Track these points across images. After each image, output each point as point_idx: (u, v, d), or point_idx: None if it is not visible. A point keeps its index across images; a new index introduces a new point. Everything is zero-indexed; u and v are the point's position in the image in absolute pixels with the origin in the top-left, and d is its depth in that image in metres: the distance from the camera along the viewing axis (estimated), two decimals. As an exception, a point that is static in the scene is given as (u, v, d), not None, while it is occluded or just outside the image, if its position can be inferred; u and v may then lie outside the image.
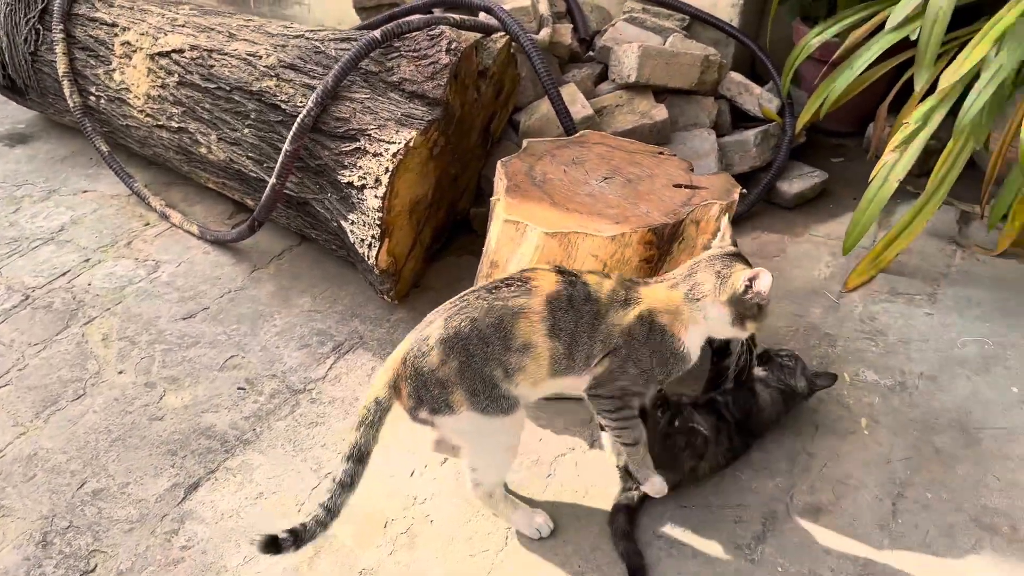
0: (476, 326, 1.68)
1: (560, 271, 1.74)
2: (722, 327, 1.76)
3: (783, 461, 2.12)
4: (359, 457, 1.70)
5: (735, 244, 1.83)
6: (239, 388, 2.29)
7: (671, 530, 1.93)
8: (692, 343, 1.77)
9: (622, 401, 1.78)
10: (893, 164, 2.56)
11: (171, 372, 2.33)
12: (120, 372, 2.33)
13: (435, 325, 1.72)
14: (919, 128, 2.48)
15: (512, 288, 1.71)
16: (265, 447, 2.12)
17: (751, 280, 1.68)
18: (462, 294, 1.77)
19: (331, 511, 1.67)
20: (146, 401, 2.24)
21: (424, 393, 1.71)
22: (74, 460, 2.07)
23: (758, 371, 2.16)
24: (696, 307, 1.73)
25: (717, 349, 2.14)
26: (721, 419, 2.06)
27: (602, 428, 1.97)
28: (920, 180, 3.14)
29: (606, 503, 1.99)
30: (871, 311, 2.62)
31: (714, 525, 1.95)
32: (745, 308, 1.72)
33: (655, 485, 1.88)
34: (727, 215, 1.94)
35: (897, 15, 2.59)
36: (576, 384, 1.79)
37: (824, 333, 2.53)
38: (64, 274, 2.70)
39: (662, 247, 2.07)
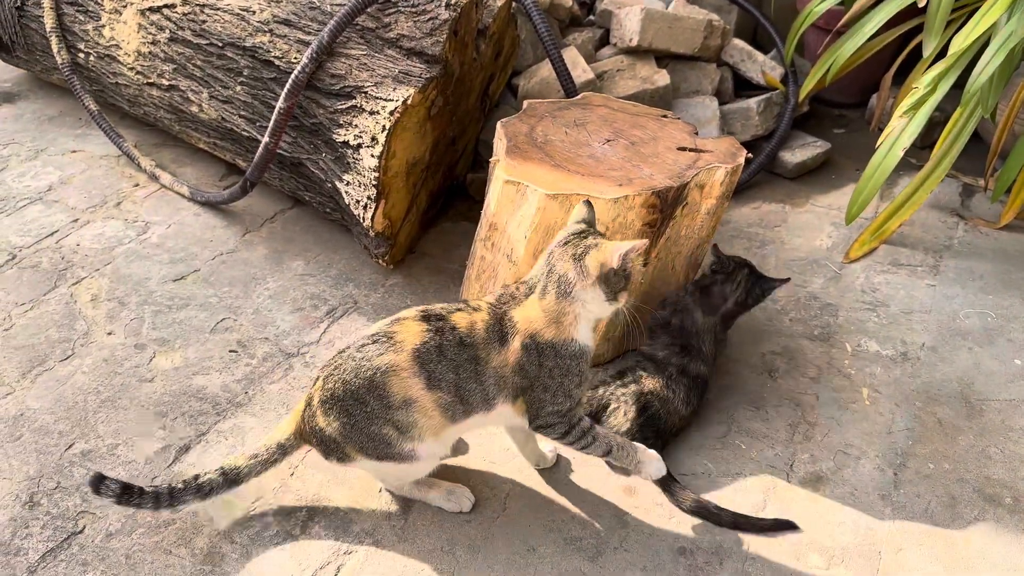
0: (348, 388, 1.64)
1: (425, 317, 1.66)
2: (600, 307, 1.65)
3: (783, 430, 2.09)
4: (233, 479, 1.73)
5: (587, 221, 1.71)
6: (231, 351, 2.24)
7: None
8: (584, 336, 1.67)
9: (566, 423, 1.71)
10: (900, 132, 2.51)
11: (161, 334, 2.28)
12: (109, 333, 2.28)
13: (317, 384, 1.71)
14: (928, 93, 2.43)
15: (377, 345, 1.64)
16: (258, 410, 2.08)
17: (625, 256, 1.59)
18: (338, 351, 1.71)
19: (160, 500, 1.70)
20: (136, 362, 2.19)
21: (324, 447, 1.72)
22: (62, 421, 2.03)
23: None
24: (571, 302, 1.63)
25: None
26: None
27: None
28: (923, 152, 3.12)
29: (604, 469, 1.96)
30: (873, 282, 2.59)
31: (714, 493, 1.92)
32: (616, 283, 1.63)
33: (655, 469, 1.81)
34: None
35: (907, -21, 2.53)
36: (497, 419, 1.73)
37: (825, 303, 2.50)
38: (52, 234, 2.64)
39: (665, 211, 2.02)
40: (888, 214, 2.68)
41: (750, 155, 2.17)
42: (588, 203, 1.74)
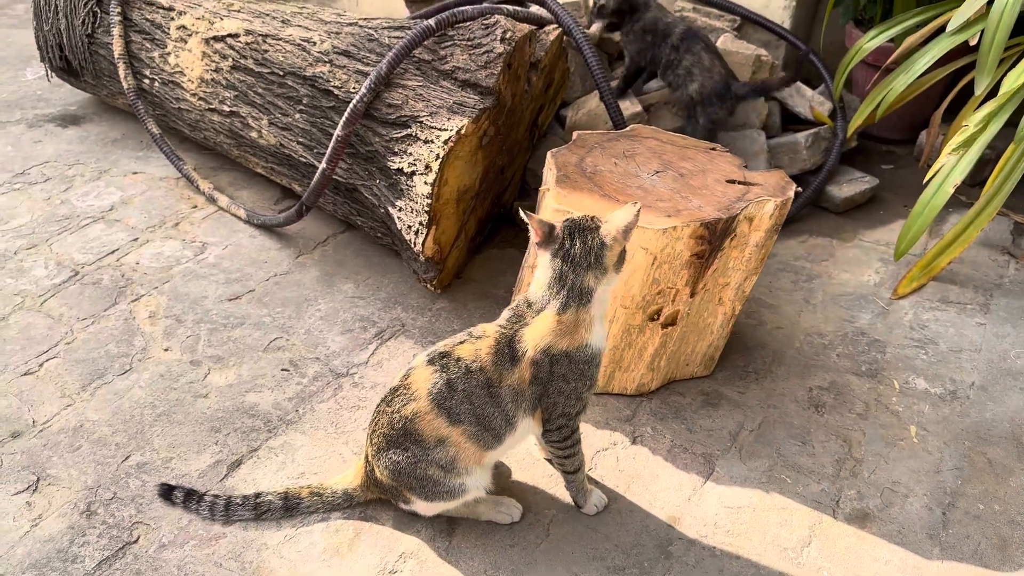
0: (389, 439, 1.75)
1: (431, 360, 1.72)
2: (615, 281, 1.72)
3: (829, 466, 2.08)
4: (290, 506, 1.89)
5: (552, 228, 1.68)
6: (283, 369, 2.30)
7: (715, 530, 1.90)
8: (597, 338, 1.72)
9: (570, 428, 1.78)
10: (950, 169, 2.51)
11: (216, 351, 2.35)
12: (166, 349, 2.35)
13: (367, 440, 1.84)
14: (978, 131, 2.42)
15: (400, 396, 1.74)
16: (307, 428, 2.12)
17: (626, 231, 1.66)
18: (375, 408, 1.81)
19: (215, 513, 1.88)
20: (191, 378, 2.26)
21: (388, 494, 1.85)
22: (119, 433, 2.09)
23: None
24: (590, 306, 1.68)
25: None
26: None
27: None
28: (972, 190, 3.10)
29: (648, 498, 1.96)
30: (921, 319, 2.57)
31: (759, 527, 1.91)
32: (624, 254, 1.70)
33: (595, 506, 1.93)
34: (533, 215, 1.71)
35: (959, 18, 2.54)
36: (524, 435, 1.80)
37: (873, 339, 2.48)
38: (113, 252, 2.73)
39: (714, 242, 2.04)
40: (937, 251, 2.67)
41: (799, 189, 2.18)
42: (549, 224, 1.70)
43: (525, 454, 2.06)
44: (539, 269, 1.72)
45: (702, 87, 2.81)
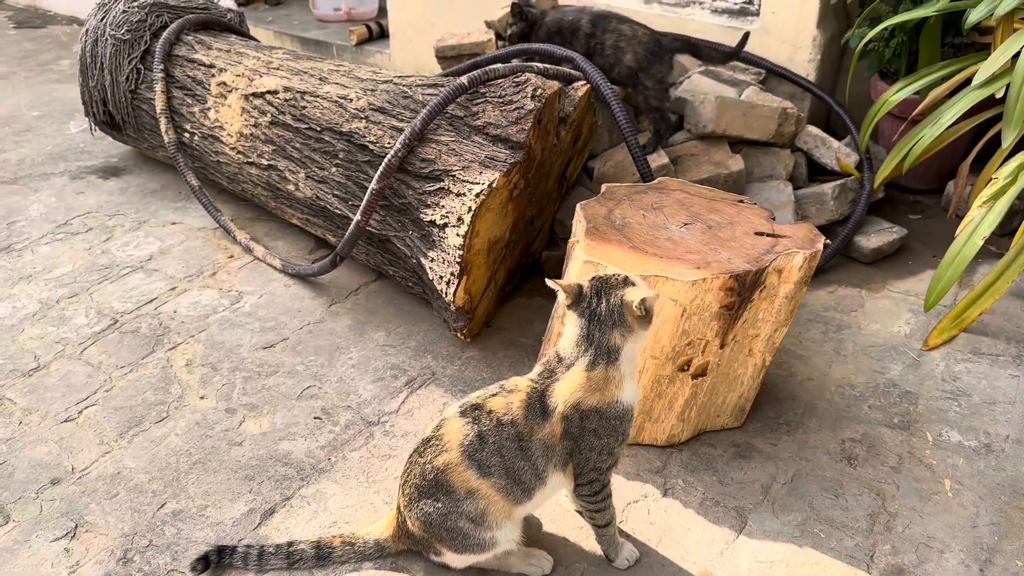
0: (420, 490, 1.77)
1: (463, 412, 1.75)
2: (643, 339, 1.74)
3: (863, 520, 2.06)
4: (322, 555, 1.89)
5: (579, 289, 1.72)
6: (315, 418, 2.33)
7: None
8: (628, 394, 1.74)
9: (601, 482, 1.79)
10: (979, 221, 2.51)
11: (251, 399, 2.39)
12: (202, 397, 2.40)
13: (399, 491, 1.86)
14: (1008, 184, 2.43)
15: (432, 447, 1.76)
16: (339, 477, 2.15)
17: (645, 302, 1.67)
18: (407, 459, 1.83)
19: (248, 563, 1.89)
20: (226, 426, 2.29)
21: (419, 545, 1.86)
22: (155, 480, 2.13)
23: None
24: (619, 364, 1.71)
25: None
26: None
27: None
28: (1003, 240, 3.09)
29: (680, 552, 1.95)
30: (953, 371, 2.56)
31: (792, 581, 1.90)
32: (650, 315, 1.71)
33: (626, 560, 1.91)
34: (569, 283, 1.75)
35: (985, 71, 2.57)
36: (555, 489, 1.81)
37: (905, 391, 2.47)
38: (151, 301, 2.80)
39: (743, 294, 2.06)
40: (968, 302, 2.66)
41: (828, 241, 2.20)
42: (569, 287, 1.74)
43: (555, 506, 2.06)
44: (567, 326, 1.74)
45: (635, 54, 2.89)
